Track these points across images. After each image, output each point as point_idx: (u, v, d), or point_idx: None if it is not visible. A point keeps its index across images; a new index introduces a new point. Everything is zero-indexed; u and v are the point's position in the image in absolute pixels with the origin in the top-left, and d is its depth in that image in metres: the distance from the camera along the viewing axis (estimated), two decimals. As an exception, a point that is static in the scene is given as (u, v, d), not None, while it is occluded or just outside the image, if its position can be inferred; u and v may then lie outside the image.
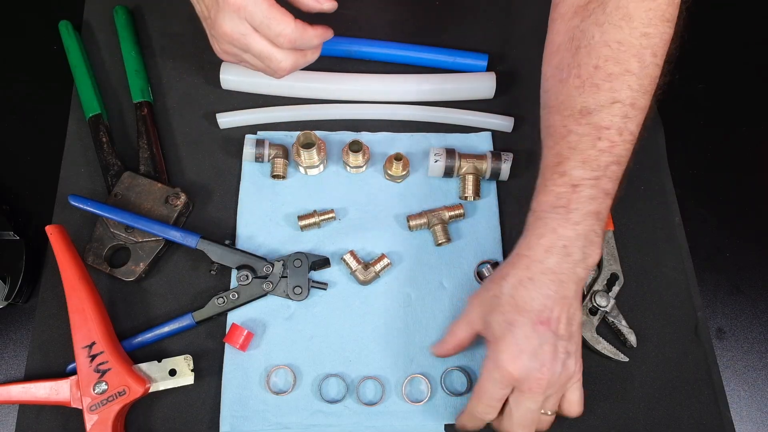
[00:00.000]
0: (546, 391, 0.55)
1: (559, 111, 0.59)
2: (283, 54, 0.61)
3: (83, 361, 0.61)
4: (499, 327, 0.56)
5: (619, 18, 0.56)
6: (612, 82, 0.56)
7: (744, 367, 0.68)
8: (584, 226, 0.55)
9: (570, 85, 0.58)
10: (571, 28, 0.59)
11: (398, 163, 0.71)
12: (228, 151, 0.74)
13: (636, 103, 0.57)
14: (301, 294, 0.66)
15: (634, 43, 0.56)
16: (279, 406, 0.64)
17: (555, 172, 0.57)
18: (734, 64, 0.83)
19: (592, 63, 0.57)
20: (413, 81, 0.77)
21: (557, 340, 0.55)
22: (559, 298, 0.55)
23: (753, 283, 0.72)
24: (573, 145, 0.57)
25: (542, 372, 0.54)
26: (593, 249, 0.56)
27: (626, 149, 0.57)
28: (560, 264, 0.55)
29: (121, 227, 0.68)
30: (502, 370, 0.54)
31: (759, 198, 0.75)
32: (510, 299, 0.56)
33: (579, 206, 0.55)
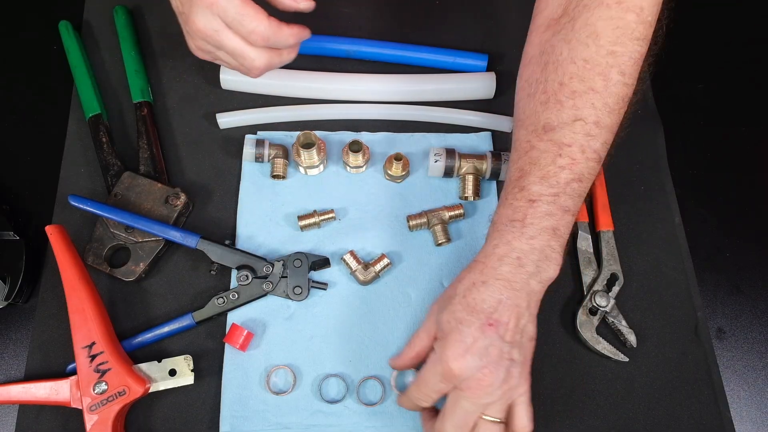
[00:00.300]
0: (486, 393, 0.54)
1: (525, 125, 0.59)
2: (257, 52, 0.61)
3: (83, 361, 0.61)
4: (448, 324, 0.55)
5: (587, 35, 0.56)
6: (575, 100, 0.56)
7: (744, 367, 0.68)
8: (539, 240, 0.55)
9: (536, 100, 0.58)
10: (542, 42, 0.59)
11: (398, 163, 0.71)
12: (228, 151, 0.74)
13: (600, 122, 0.56)
14: (301, 294, 0.66)
15: (600, 61, 0.55)
16: (279, 406, 0.64)
17: (515, 186, 0.57)
18: (734, 64, 0.83)
19: (557, 79, 0.57)
20: (413, 81, 0.77)
21: (503, 345, 0.54)
22: (510, 305, 0.55)
23: (753, 283, 0.72)
24: (534, 161, 0.57)
25: (483, 373, 0.53)
26: (549, 264, 0.56)
27: (589, 167, 0.56)
28: (513, 273, 0.55)
29: (121, 227, 0.68)
30: (445, 365, 0.54)
31: (759, 198, 0.75)
32: (462, 299, 0.56)
33: (535, 221, 0.55)
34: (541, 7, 0.61)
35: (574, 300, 0.69)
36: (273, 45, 0.61)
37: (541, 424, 0.64)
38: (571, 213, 0.57)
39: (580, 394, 0.65)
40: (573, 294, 0.69)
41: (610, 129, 0.57)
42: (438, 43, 0.80)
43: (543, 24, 0.60)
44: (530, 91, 0.59)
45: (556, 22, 0.58)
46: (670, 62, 0.82)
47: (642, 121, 0.77)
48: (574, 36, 0.56)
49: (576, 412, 0.64)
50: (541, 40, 0.59)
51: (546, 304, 0.68)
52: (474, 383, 0.53)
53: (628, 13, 0.55)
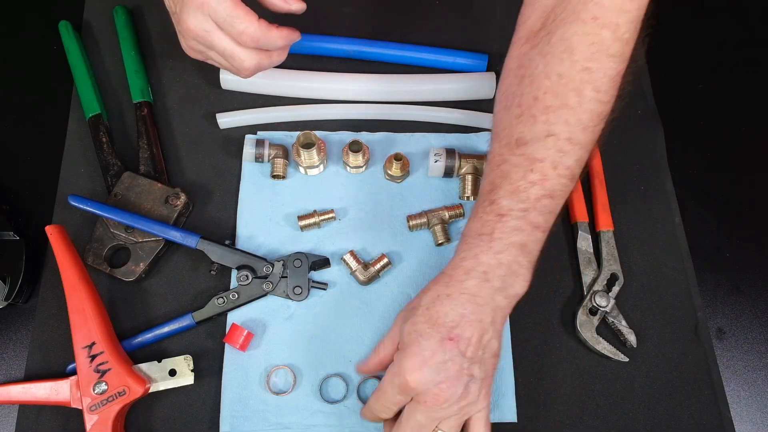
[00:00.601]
0: (441, 408, 0.53)
1: (499, 138, 0.58)
2: (247, 53, 0.61)
3: (83, 361, 0.61)
4: (408, 336, 0.55)
5: (562, 50, 0.55)
6: (548, 115, 0.55)
7: (744, 367, 0.68)
8: (507, 255, 0.55)
9: (511, 114, 0.57)
10: (521, 55, 0.58)
11: (398, 163, 0.71)
12: (228, 151, 0.74)
13: (573, 138, 0.55)
14: (301, 294, 0.66)
15: (575, 77, 0.54)
16: (279, 406, 0.64)
17: (486, 199, 0.57)
18: (734, 65, 0.83)
19: (532, 93, 0.56)
20: (413, 81, 0.77)
21: (463, 361, 0.54)
22: (474, 320, 0.54)
23: (753, 283, 0.72)
24: (505, 174, 0.56)
25: (440, 387, 0.53)
26: (515, 280, 0.55)
27: (561, 184, 0.56)
28: (479, 288, 0.54)
29: (121, 227, 0.68)
30: (402, 377, 0.54)
31: (759, 198, 0.75)
32: (425, 311, 0.55)
33: (503, 236, 0.55)
34: (523, 20, 0.60)
35: (574, 300, 0.69)
36: (263, 46, 0.61)
37: (541, 424, 0.64)
38: (542, 230, 0.56)
39: (580, 394, 0.65)
40: (573, 294, 0.69)
41: (584, 146, 0.56)
42: (438, 43, 0.80)
43: (523, 36, 0.59)
44: (506, 104, 0.58)
45: (534, 35, 0.57)
46: (670, 62, 0.82)
47: (642, 121, 0.77)
48: (550, 50, 0.55)
49: (576, 412, 0.64)
50: (520, 52, 0.58)
51: (546, 304, 0.68)
52: (430, 397, 0.53)
53: (604, 29, 0.54)
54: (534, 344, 0.67)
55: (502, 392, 0.65)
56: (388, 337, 0.59)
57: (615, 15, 0.54)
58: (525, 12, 0.60)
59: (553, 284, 0.69)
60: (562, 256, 0.71)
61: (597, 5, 0.54)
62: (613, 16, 0.54)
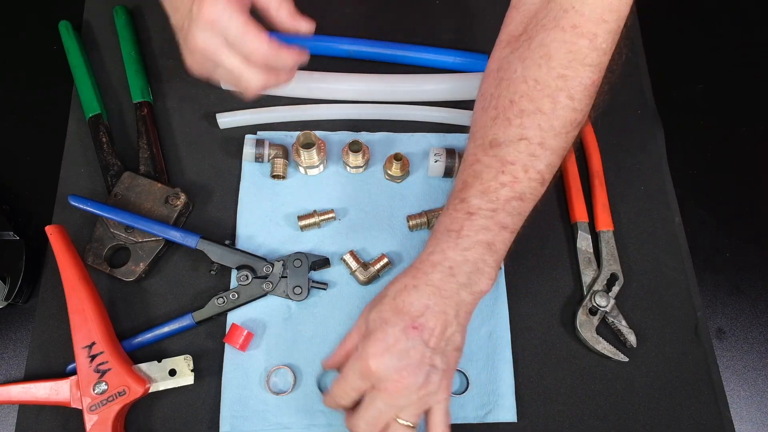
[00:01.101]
0: (402, 395, 0.54)
1: (475, 138, 0.59)
2: (254, 73, 0.60)
3: (83, 361, 0.61)
4: (373, 323, 0.56)
5: (540, 56, 0.55)
6: (522, 119, 0.56)
7: (744, 367, 0.68)
8: (473, 253, 0.55)
9: (487, 115, 0.58)
10: (501, 58, 0.59)
11: (398, 163, 0.71)
12: (228, 151, 0.74)
13: (545, 143, 0.56)
14: (301, 294, 0.66)
15: (550, 83, 0.55)
16: (279, 406, 0.64)
17: (457, 197, 0.58)
18: (733, 65, 0.83)
19: (509, 96, 0.57)
20: (414, 81, 0.77)
21: (426, 350, 0.54)
22: (438, 311, 0.55)
23: (753, 283, 0.72)
24: (477, 174, 0.57)
25: (401, 374, 0.53)
26: (480, 278, 0.56)
27: (531, 187, 0.56)
28: (444, 281, 0.55)
29: (121, 227, 0.68)
30: (364, 362, 0.54)
31: (759, 198, 0.76)
32: (391, 300, 0.56)
33: (470, 233, 0.56)
34: (506, 23, 0.61)
35: (574, 300, 0.69)
36: (272, 66, 0.61)
37: (541, 424, 0.64)
38: (509, 230, 0.57)
39: (580, 394, 0.65)
40: (573, 294, 0.69)
41: (555, 152, 0.57)
42: (438, 43, 0.80)
43: (505, 40, 0.60)
44: (484, 105, 0.59)
45: (516, 39, 0.58)
46: (670, 63, 0.82)
47: (642, 121, 0.77)
48: (529, 55, 0.56)
49: (576, 412, 0.64)
50: (501, 55, 0.59)
51: (546, 304, 0.68)
52: (390, 384, 0.53)
53: (582, 38, 0.54)
54: (534, 344, 0.67)
55: (502, 392, 0.65)
56: (355, 329, 0.59)
57: (594, 25, 0.54)
58: (509, 16, 0.61)
59: (553, 284, 0.69)
60: (562, 256, 0.71)
61: (577, 14, 0.54)
62: (592, 26, 0.54)
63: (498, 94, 0.58)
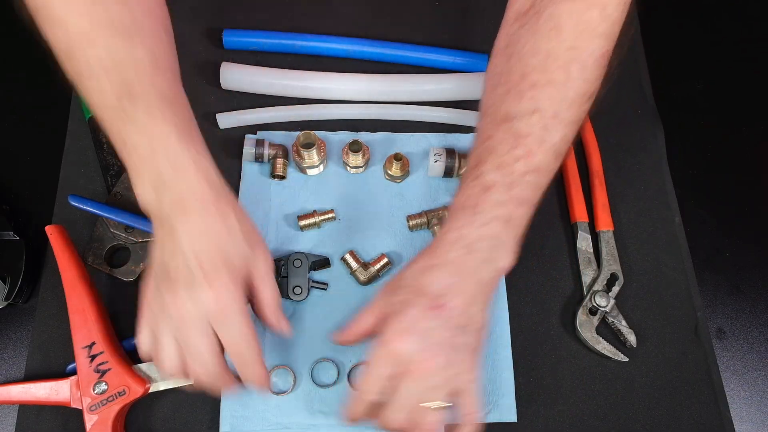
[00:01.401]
0: (429, 376, 0.53)
1: (487, 115, 0.58)
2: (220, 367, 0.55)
3: (83, 361, 0.61)
4: (394, 306, 0.55)
5: (550, 28, 0.55)
6: (534, 92, 0.55)
7: (744, 367, 0.68)
8: (491, 228, 0.54)
9: (498, 91, 0.58)
10: (509, 34, 0.59)
11: (398, 163, 0.71)
12: (228, 151, 0.74)
13: (558, 115, 0.55)
14: (301, 294, 0.66)
15: (562, 55, 0.55)
16: (279, 406, 0.64)
17: (472, 173, 0.57)
18: (733, 64, 0.83)
19: (519, 71, 0.56)
20: (413, 81, 0.77)
21: (449, 329, 0.53)
22: (459, 290, 0.54)
23: (753, 283, 0.72)
24: (491, 149, 0.56)
25: (425, 355, 0.52)
26: (500, 253, 0.55)
27: (547, 160, 0.56)
28: (463, 259, 0.54)
29: (121, 227, 0.68)
30: (388, 346, 0.53)
31: (759, 198, 0.76)
32: (411, 282, 0.55)
33: (486, 209, 0.55)
34: (511, 2, 0.61)
35: (574, 300, 0.69)
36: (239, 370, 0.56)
37: (541, 424, 0.64)
38: (527, 204, 0.56)
39: (580, 394, 0.65)
40: (573, 294, 0.69)
41: (569, 124, 0.56)
42: (438, 43, 0.80)
43: (512, 17, 0.59)
44: (494, 83, 0.59)
45: (523, 15, 0.58)
46: (670, 62, 0.82)
47: (642, 121, 0.77)
48: (538, 28, 0.56)
49: (576, 412, 0.64)
50: (509, 32, 0.59)
51: (546, 304, 0.68)
52: (417, 366, 0.52)
53: (592, 9, 0.54)
54: (534, 344, 0.67)
55: (502, 392, 0.65)
56: (369, 310, 0.58)
57: None
58: None
59: (553, 284, 0.69)
60: (562, 256, 0.71)
61: None
62: None
63: (508, 69, 0.57)
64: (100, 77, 0.52)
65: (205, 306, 0.52)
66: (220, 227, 0.53)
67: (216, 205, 0.53)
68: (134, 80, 0.53)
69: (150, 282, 0.56)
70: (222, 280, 0.52)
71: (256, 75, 0.76)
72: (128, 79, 0.53)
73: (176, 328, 0.53)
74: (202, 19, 0.81)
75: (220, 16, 0.81)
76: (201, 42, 0.80)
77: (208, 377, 0.54)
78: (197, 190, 0.53)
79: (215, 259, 0.52)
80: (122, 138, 0.53)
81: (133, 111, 0.52)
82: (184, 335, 0.53)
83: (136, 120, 0.53)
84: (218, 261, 0.52)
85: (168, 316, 0.53)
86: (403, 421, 0.54)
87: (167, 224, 0.53)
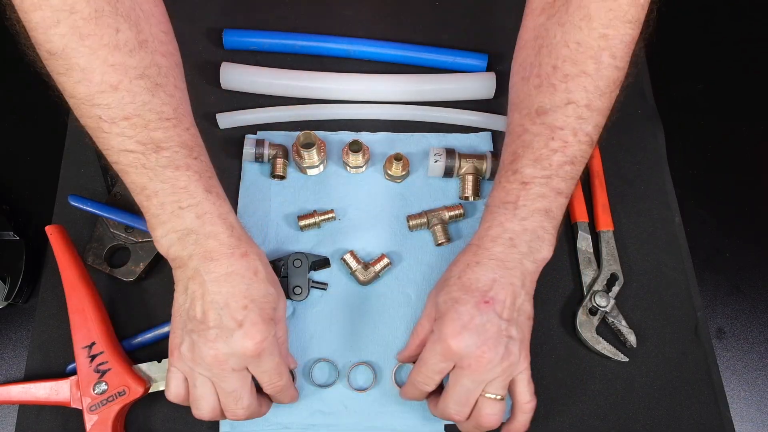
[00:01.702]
0: (486, 370, 0.54)
1: (519, 109, 0.59)
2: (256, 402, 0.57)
3: (83, 361, 0.61)
4: (444, 305, 0.56)
5: (580, 18, 0.56)
6: (568, 83, 0.56)
7: (744, 367, 0.68)
8: (532, 221, 0.56)
9: (530, 84, 0.58)
10: (537, 26, 0.59)
11: (398, 163, 0.71)
12: (228, 151, 0.74)
13: (591, 105, 0.56)
14: (301, 294, 0.66)
15: (592, 44, 0.56)
16: (279, 406, 0.64)
17: (509, 169, 0.58)
18: (733, 64, 0.83)
19: (551, 63, 0.57)
20: (413, 81, 0.77)
21: (501, 322, 0.55)
22: (505, 283, 0.55)
23: (753, 283, 0.72)
24: (527, 144, 0.57)
25: (482, 350, 0.54)
26: (542, 244, 0.57)
27: (581, 150, 0.57)
28: (506, 253, 0.56)
29: (121, 227, 0.68)
30: (444, 343, 0.54)
31: (759, 198, 0.75)
32: (457, 280, 0.57)
33: (527, 203, 0.56)
34: None
35: (574, 300, 0.69)
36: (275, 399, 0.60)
37: (541, 424, 0.64)
38: (564, 195, 0.57)
39: (580, 394, 0.65)
40: (573, 294, 0.69)
41: (602, 112, 0.57)
42: (438, 43, 0.80)
43: (537, 8, 0.60)
44: (524, 75, 0.59)
45: (550, 5, 0.58)
46: (671, 62, 0.82)
47: (642, 121, 0.77)
48: (568, 19, 0.56)
49: (576, 412, 0.64)
50: (536, 24, 0.59)
51: (546, 304, 0.68)
52: (473, 360, 0.54)
53: None
54: (534, 344, 0.66)
55: (502, 392, 0.65)
56: (425, 317, 0.60)
57: None
58: None
59: (553, 284, 0.69)
60: (562, 256, 0.71)
61: None
62: None
63: (539, 62, 0.58)
64: (122, 123, 0.53)
65: (240, 349, 0.53)
66: (244, 270, 0.55)
67: (238, 248, 0.55)
68: (158, 128, 0.54)
69: (177, 328, 0.56)
70: (252, 321, 0.53)
71: (256, 75, 0.76)
72: (151, 127, 0.54)
73: (212, 372, 0.54)
74: (202, 19, 0.81)
75: (220, 16, 0.81)
76: (201, 42, 0.80)
77: (247, 414, 0.56)
78: (221, 237, 0.55)
79: (244, 301, 0.54)
80: (141, 184, 0.54)
81: (155, 159, 0.54)
82: (220, 378, 0.54)
83: (158, 168, 0.54)
84: (247, 302, 0.54)
85: (202, 361, 0.54)
86: (465, 414, 0.56)
87: (190, 269, 0.55)
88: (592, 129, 0.57)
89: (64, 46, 0.51)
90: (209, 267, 0.54)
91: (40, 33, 0.51)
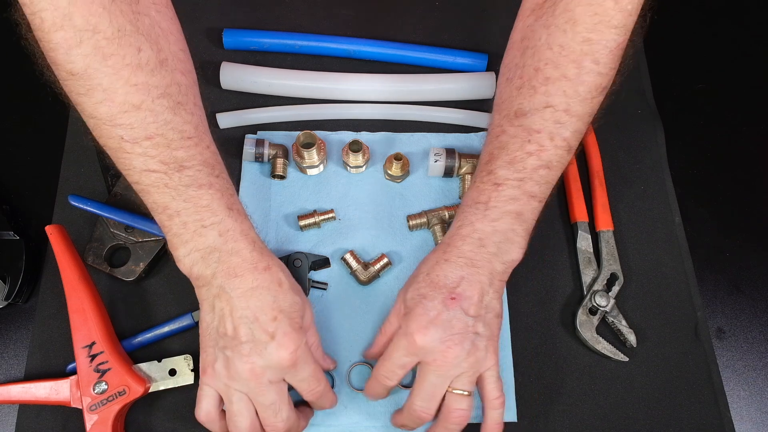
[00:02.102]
0: (452, 365, 0.54)
1: (500, 110, 0.59)
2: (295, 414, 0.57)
3: (83, 361, 0.61)
4: (412, 301, 0.56)
5: (565, 21, 0.55)
6: (548, 86, 0.56)
7: (744, 367, 0.68)
8: (502, 223, 0.56)
9: (512, 86, 0.58)
10: (525, 27, 0.59)
11: (398, 163, 0.71)
12: (228, 151, 0.74)
13: (570, 110, 0.56)
14: (301, 294, 0.66)
15: (575, 48, 0.55)
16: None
17: (484, 169, 0.58)
18: (734, 64, 0.83)
19: (534, 65, 0.57)
20: (413, 81, 0.77)
21: (467, 318, 0.55)
22: (473, 281, 0.56)
23: (753, 283, 0.72)
24: (503, 145, 0.57)
25: (447, 344, 0.54)
26: (511, 246, 0.57)
27: (558, 155, 0.56)
28: (474, 252, 0.56)
29: (121, 227, 0.68)
30: (409, 338, 0.55)
31: (759, 198, 0.75)
32: (425, 277, 0.57)
33: (498, 204, 0.56)
34: None
35: (574, 300, 0.69)
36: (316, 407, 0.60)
37: (542, 424, 0.64)
38: (538, 199, 0.57)
39: (580, 394, 0.65)
40: (573, 294, 0.69)
41: (581, 118, 0.57)
42: (438, 43, 0.80)
43: (528, 9, 0.59)
44: (509, 76, 0.59)
45: (540, 7, 0.58)
46: (671, 62, 0.82)
47: (642, 121, 0.77)
48: (553, 21, 0.56)
49: (576, 412, 0.64)
50: (524, 24, 0.59)
51: (546, 304, 0.68)
52: (439, 355, 0.54)
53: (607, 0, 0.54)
54: (534, 344, 0.67)
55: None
56: (393, 314, 0.60)
57: None
58: None
59: (553, 284, 0.69)
60: (562, 256, 0.71)
61: None
62: None
63: (523, 63, 0.58)
64: (145, 143, 0.53)
65: (276, 360, 0.53)
66: (269, 282, 0.55)
67: (261, 263, 0.55)
68: (180, 147, 0.54)
69: (207, 346, 0.56)
70: (284, 331, 0.54)
71: (256, 75, 0.76)
72: (174, 146, 0.53)
73: (249, 387, 0.54)
74: (202, 19, 0.81)
75: (220, 16, 0.82)
76: (201, 42, 0.80)
77: (286, 427, 0.56)
78: (244, 254, 0.55)
79: (273, 313, 0.54)
80: (164, 203, 0.54)
81: (178, 178, 0.54)
82: (257, 393, 0.54)
83: (181, 187, 0.54)
84: (276, 313, 0.54)
85: (238, 377, 0.54)
86: (431, 411, 0.56)
87: (215, 288, 0.55)
88: (570, 134, 0.56)
89: (86, 67, 0.50)
90: (234, 283, 0.54)
91: (61, 54, 0.50)
